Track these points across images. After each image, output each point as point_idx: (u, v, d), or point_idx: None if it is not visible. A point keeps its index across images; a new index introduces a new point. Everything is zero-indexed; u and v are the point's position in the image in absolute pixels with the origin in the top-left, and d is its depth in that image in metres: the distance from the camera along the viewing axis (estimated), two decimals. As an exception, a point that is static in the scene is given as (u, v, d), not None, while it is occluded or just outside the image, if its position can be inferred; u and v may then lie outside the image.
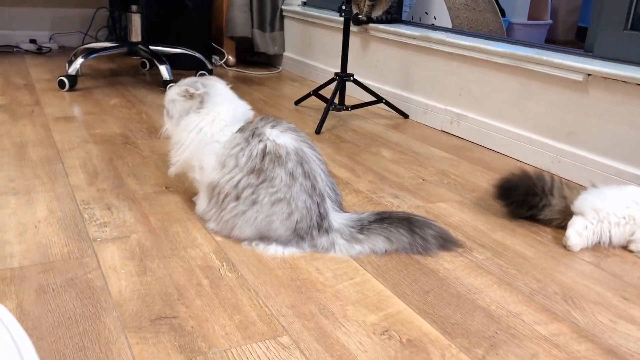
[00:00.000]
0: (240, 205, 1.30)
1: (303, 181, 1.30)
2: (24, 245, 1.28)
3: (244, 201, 1.30)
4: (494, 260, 1.35)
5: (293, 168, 1.29)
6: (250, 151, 1.32)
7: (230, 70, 3.47)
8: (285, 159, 1.30)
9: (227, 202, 1.32)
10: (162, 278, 1.18)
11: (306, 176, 1.30)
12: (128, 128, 2.20)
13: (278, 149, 1.30)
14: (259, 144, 1.32)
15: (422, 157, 2.08)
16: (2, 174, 1.67)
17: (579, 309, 1.16)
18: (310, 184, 1.31)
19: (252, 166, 1.30)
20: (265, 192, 1.29)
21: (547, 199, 1.53)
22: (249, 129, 1.37)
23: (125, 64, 3.47)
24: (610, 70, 1.76)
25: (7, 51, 3.59)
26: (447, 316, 1.11)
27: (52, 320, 1.02)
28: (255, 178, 1.29)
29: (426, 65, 2.52)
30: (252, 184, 1.29)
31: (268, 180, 1.29)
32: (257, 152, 1.31)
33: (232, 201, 1.31)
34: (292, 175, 1.29)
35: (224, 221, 1.34)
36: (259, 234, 1.31)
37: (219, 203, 1.34)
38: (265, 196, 1.29)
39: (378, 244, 1.33)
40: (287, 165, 1.29)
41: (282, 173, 1.29)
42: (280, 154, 1.30)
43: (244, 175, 1.30)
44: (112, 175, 1.72)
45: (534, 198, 1.53)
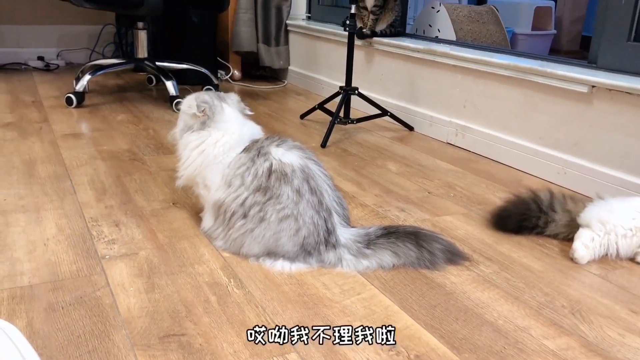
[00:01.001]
0: (248, 223, 1.31)
1: (310, 197, 1.30)
2: (34, 263, 1.29)
3: (252, 219, 1.31)
4: (501, 273, 1.35)
5: (299, 185, 1.30)
6: (256, 170, 1.33)
7: (236, 85, 3.49)
8: (291, 176, 1.31)
9: (235, 221, 1.33)
10: (170, 295, 1.19)
11: (313, 192, 1.31)
12: (135, 144, 2.21)
13: (284, 167, 1.32)
14: (265, 163, 1.33)
15: (428, 169, 2.09)
16: (12, 192, 1.69)
17: (587, 322, 1.16)
18: (317, 200, 1.31)
19: (258, 184, 1.31)
20: (272, 209, 1.29)
21: (548, 216, 1.53)
22: (255, 148, 1.38)
23: (132, 80, 3.50)
24: (614, 82, 1.77)
25: (15, 68, 3.63)
26: (454, 331, 1.11)
27: (61, 339, 1.03)
28: (262, 196, 1.30)
29: (430, 78, 2.53)
30: (258, 202, 1.30)
31: (275, 197, 1.29)
32: (263, 171, 1.32)
33: (240, 219, 1.32)
34: (299, 192, 1.30)
35: (232, 239, 1.35)
36: (267, 250, 1.32)
37: (225, 221, 1.35)
38: (272, 213, 1.29)
39: (385, 259, 1.33)
40: (293, 183, 1.30)
41: (289, 190, 1.30)
42: (286, 172, 1.31)
43: (250, 194, 1.31)
44: (119, 192, 1.73)
45: (530, 220, 1.55)
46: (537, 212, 1.54)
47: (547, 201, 1.56)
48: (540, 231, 1.55)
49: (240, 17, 3.40)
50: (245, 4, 3.40)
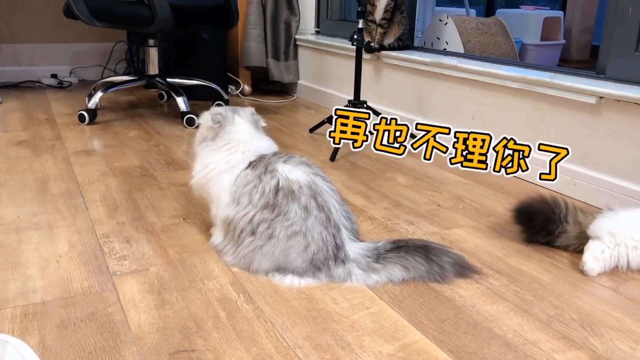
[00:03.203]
0: (257, 240, 1.32)
1: (317, 214, 1.31)
2: (46, 280, 1.31)
3: (260, 236, 1.32)
4: (510, 286, 1.34)
5: (307, 202, 1.32)
6: (263, 188, 1.34)
7: (246, 99, 3.52)
8: (298, 193, 1.32)
9: (243, 238, 1.34)
10: (180, 311, 1.20)
11: (320, 208, 1.32)
12: (147, 160, 2.24)
13: (291, 184, 1.33)
14: (272, 181, 1.34)
15: (437, 182, 2.09)
16: (25, 209, 1.71)
17: (598, 335, 1.15)
18: (325, 216, 1.32)
19: (266, 202, 1.32)
20: (280, 225, 1.30)
21: (563, 226, 1.52)
22: (261, 164, 1.39)
23: (144, 96, 3.55)
24: (622, 93, 1.77)
25: (29, 86, 3.69)
26: (463, 345, 1.11)
27: (73, 356, 1.04)
28: (270, 213, 1.31)
29: (439, 91, 2.54)
30: (266, 219, 1.32)
31: (282, 214, 1.30)
32: (270, 189, 1.33)
33: (248, 236, 1.34)
34: (306, 208, 1.31)
35: (241, 256, 1.36)
36: (276, 266, 1.33)
37: (235, 238, 1.37)
38: (281, 230, 1.30)
39: (395, 273, 1.33)
40: (300, 200, 1.31)
41: (296, 207, 1.31)
42: (293, 189, 1.32)
43: (257, 211, 1.33)
44: (131, 208, 1.75)
45: (552, 225, 1.53)
46: (558, 218, 1.53)
47: (564, 210, 1.54)
48: (552, 240, 1.54)
49: (250, 32, 3.44)
50: (254, 19, 3.43)
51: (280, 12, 3.50)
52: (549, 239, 1.54)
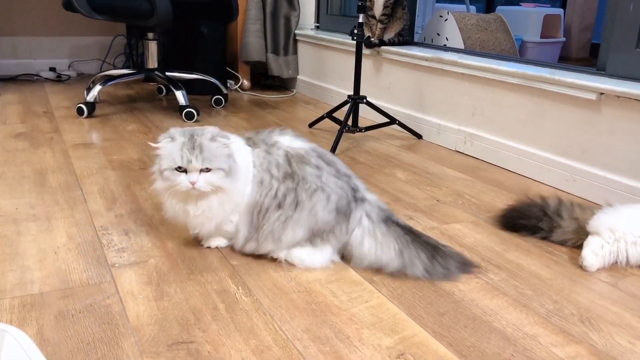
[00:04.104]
0: (287, 211, 1.33)
1: (328, 168, 1.37)
2: (44, 272, 1.30)
3: (288, 207, 1.33)
4: (510, 281, 1.34)
5: (317, 162, 1.37)
6: (276, 160, 1.36)
7: (245, 94, 3.51)
8: (307, 156, 1.37)
9: (269, 215, 1.34)
10: (179, 303, 1.19)
11: (329, 164, 1.39)
12: (145, 153, 2.23)
13: (297, 151, 1.37)
14: (279, 151, 1.37)
15: (436, 177, 2.09)
16: (23, 201, 1.71)
17: (597, 330, 1.15)
18: (334, 169, 1.39)
19: (285, 172, 1.35)
20: (302, 190, 1.34)
21: (554, 221, 1.53)
22: (260, 142, 1.39)
23: (142, 90, 3.54)
24: (622, 89, 1.76)
25: (27, 79, 3.68)
26: (462, 339, 1.11)
27: (71, 346, 1.04)
28: (291, 182, 1.34)
29: (439, 86, 2.54)
30: (290, 188, 1.34)
31: (302, 179, 1.34)
32: (283, 159, 1.36)
33: (275, 211, 1.34)
34: (318, 167, 1.36)
35: (268, 233, 1.34)
36: (310, 229, 1.34)
37: (258, 220, 1.35)
38: (303, 194, 1.34)
39: (387, 254, 1.34)
40: (311, 161, 1.36)
41: (309, 169, 1.35)
42: (302, 154, 1.37)
43: (280, 183, 1.34)
44: (129, 201, 1.75)
45: (529, 220, 1.57)
46: (539, 214, 1.56)
47: (553, 207, 1.56)
48: (545, 236, 1.55)
49: (249, 27, 3.43)
50: (254, 14, 3.42)
51: (280, 6, 3.49)
52: (541, 235, 1.56)
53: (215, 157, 1.28)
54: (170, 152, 1.28)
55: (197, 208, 1.31)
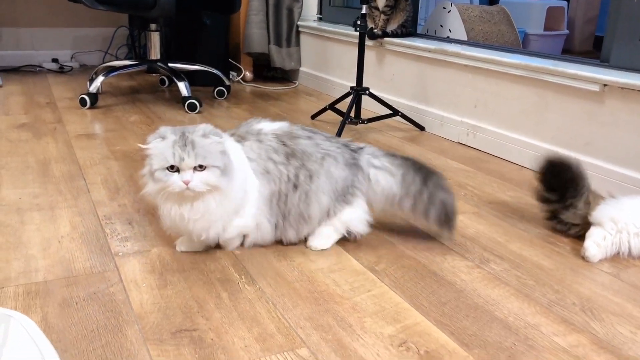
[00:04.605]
0: (304, 187, 1.34)
1: (316, 136, 1.41)
2: (48, 260, 1.31)
3: (304, 182, 1.34)
4: (512, 271, 1.35)
5: (304, 133, 1.40)
6: (271, 146, 1.36)
7: (248, 86, 3.51)
8: (295, 132, 1.39)
9: (290, 199, 1.35)
10: (182, 291, 1.20)
11: (314, 132, 1.43)
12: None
13: (284, 130, 1.39)
14: (269, 136, 1.37)
15: (439, 169, 2.07)
16: (27, 191, 1.71)
17: (598, 320, 1.16)
18: (322, 135, 1.43)
19: (285, 153, 1.35)
20: (310, 162, 1.36)
21: (575, 202, 1.50)
22: (246, 134, 1.38)
23: (145, 82, 3.54)
24: (626, 80, 1.76)
25: (30, 70, 3.68)
26: (464, 328, 1.11)
27: (75, 333, 1.05)
28: (295, 160, 1.35)
29: (442, 78, 2.53)
30: (299, 166, 1.35)
31: (304, 154, 1.36)
32: (275, 143, 1.36)
33: (294, 193, 1.34)
34: (309, 137, 1.39)
35: (297, 217, 1.36)
36: (333, 192, 1.38)
37: (281, 208, 1.35)
38: (313, 165, 1.36)
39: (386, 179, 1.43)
40: (300, 134, 1.39)
41: (303, 141, 1.38)
42: (289, 131, 1.39)
43: (287, 165, 1.35)
44: (132, 191, 1.75)
45: (569, 192, 1.50)
46: (579, 189, 1.50)
47: (584, 187, 1.51)
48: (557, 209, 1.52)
49: (252, 18, 3.42)
50: (256, 5, 3.42)
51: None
52: (557, 207, 1.52)
53: (209, 154, 1.22)
54: (162, 150, 1.21)
55: (194, 211, 1.24)
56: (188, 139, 1.21)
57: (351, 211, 1.40)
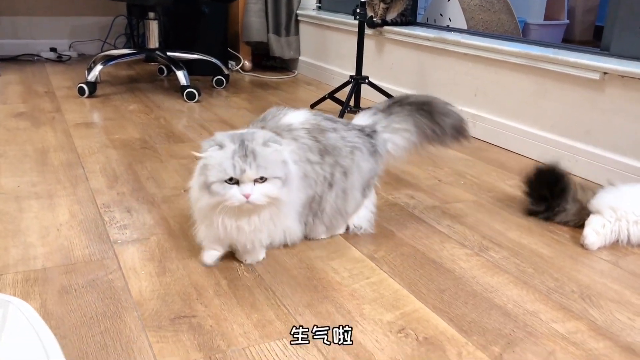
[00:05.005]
0: (339, 184, 1.32)
1: (339, 126, 1.36)
2: (47, 248, 1.31)
3: (340, 180, 1.32)
4: (511, 259, 1.35)
5: (329, 125, 1.34)
6: (306, 145, 1.28)
7: (247, 75, 3.50)
8: (322, 124, 1.34)
9: (326, 198, 1.31)
10: (181, 278, 1.20)
11: (335, 122, 1.38)
12: (147, 133, 2.23)
13: (312, 123, 1.33)
14: (301, 132, 1.30)
15: (438, 158, 2.08)
16: (25, 179, 1.71)
17: (597, 307, 1.16)
18: (341, 123, 1.38)
19: (319, 150, 1.29)
20: (342, 158, 1.32)
21: (562, 205, 1.52)
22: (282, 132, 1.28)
23: (144, 71, 3.52)
24: (626, 68, 1.75)
25: (28, 59, 3.66)
26: (463, 314, 1.11)
27: (74, 320, 1.05)
28: (330, 156, 1.30)
29: (441, 67, 2.52)
30: (333, 164, 1.30)
31: (335, 149, 1.31)
32: (309, 139, 1.29)
33: (329, 192, 1.31)
34: (335, 129, 1.34)
35: (333, 214, 1.34)
36: (362, 186, 1.38)
37: (314, 209, 1.31)
38: (345, 160, 1.32)
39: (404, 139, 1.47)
40: (327, 127, 1.33)
41: (331, 134, 1.33)
42: (316, 124, 1.33)
43: (322, 164, 1.29)
44: (131, 179, 1.75)
45: (557, 201, 1.53)
46: (564, 198, 1.53)
47: (570, 191, 1.53)
48: (549, 217, 1.54)
49: (251, 7, 3.40)
50: (255, -6, 3.40)
51: (282, -14, 3.46)
52: (547, 215, 1.54)
53: (270, 165, 1.12)
54: (220, 161, 1.11)
55: (250, 224, 1.17)
56: (249, 149, 1.11)
57: (364, 207, 1.43)
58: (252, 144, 1.12)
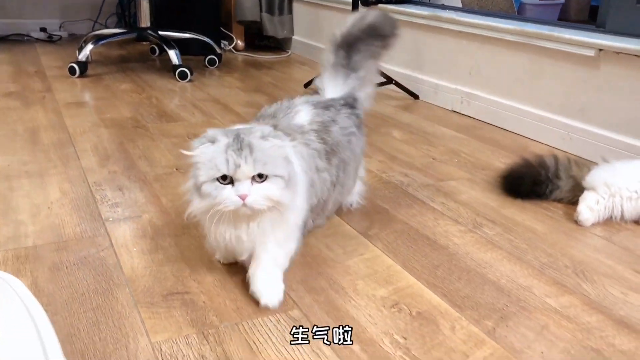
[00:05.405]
0: (342, 180, 1.24)
1: (332, 113, 1.27)
2: (38, 226, 1.29)
3: (343, 175, 1.24)
4: (504, 235, 1.34)
5: (330, 116, 1.25)
6: (316, 149, 1.16)
7: (240, 55, 3.47)
8: (325, 121, 1.22)
9: (329, 197, 1.21)
10: (174, 256, 1.19)
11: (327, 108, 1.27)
12: (138, 112, 2.21)
13: (318, 123, 1.21)
14: (311, 135, 1.18)
15: (433, 137, 2.08)
16: (16, 158, 1.69)
17: (590, 281, 1.16)
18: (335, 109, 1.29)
19: (326, 152, 1.18)
20: (343, 151, 1.23)
21: (554, 184, 1.52)
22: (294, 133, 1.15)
23: (135, 50, 3.48)
24: (622, 45, 1.74)
25: (18, 40, 3.61)
26: (456, 290, 1.11)
27: (66, 296, 1.04)
28: (334, 155, 1.20)
29: (436, 45, 2.50)
30: (337, 163, 1.21)
31: (338, 145, 1.22)
32: (318, 144, 1.17)
33: (333, 190, 1.22)
34: (334, 120, 1.25)
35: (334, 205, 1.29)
36: (358, 166, 1.36)
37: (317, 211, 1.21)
38: (345, 153, 1.24)
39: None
40: (326, 120, 1.23)
41: (333, 129, 1.23)
42: (322, 122, 1.22)
43: (329, 168, 1.18)
44: (123, 158, 1.73)
45: (541, 187, 1.53)
46: (545, 179, 1.53)
47: (552, 168, 1.54)
48: (545, 198, 1.54)
49: (244, -14, 3.36)
50: (248, -28, 3.35)
51: (275, -35, 3.42)
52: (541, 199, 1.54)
53: (270, 160, 0.95)
54: (211, 157, 0.95)
55: (249, 232, 1.00)
56: (244, 142, 0.95)
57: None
58: (248, 137, 0.96)
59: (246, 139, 0.96)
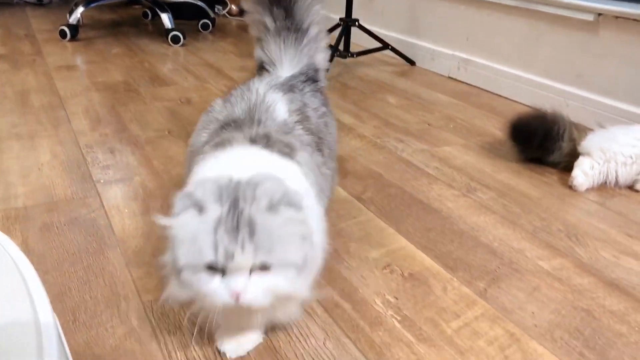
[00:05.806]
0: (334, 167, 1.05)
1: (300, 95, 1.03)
2: (28, 187, 1.28)
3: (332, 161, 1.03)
4: (498, 200, 1.34)
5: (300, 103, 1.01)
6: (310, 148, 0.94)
7: (234, 20, 3.41)
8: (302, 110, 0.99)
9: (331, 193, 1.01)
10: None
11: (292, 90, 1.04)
12: (130, 76, 2.17)
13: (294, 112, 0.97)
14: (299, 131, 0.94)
15: (428, 103, 2.06)
16: (5, 120, 1.66)
17: (583, 245, 1.16)
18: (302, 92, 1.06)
19: (317, 144, 0.96)
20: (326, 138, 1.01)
21: (559, 143, 1.50)
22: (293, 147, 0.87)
23: (127, 14, 3.42)
24: (621, 9, 1.71)
25: (7, 2, 3.54)
26: (449, 252, 1.11)
27: (56, 256, 1.03)
28: (325, 147, 0.99)
29: (433, 10, 2.46)
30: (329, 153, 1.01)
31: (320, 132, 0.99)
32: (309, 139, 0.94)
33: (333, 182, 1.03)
34: (305, 104, 1.02)
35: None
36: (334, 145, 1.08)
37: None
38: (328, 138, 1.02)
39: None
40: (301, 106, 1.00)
41: (310, 114, 1.00)
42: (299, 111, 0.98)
43: (326, 162, 0.97)
44: (114, 121, 1.71)
45: (550, 142, 1.49)
46: (556, 135, 1.49)
47: (562, 126, 1.50)
48: (546, 156, 1.52)
49: (238, -52, 3.28)
50: None
51: None
52: (542, 155, 1.52)
53: (279, 243, 0.68)
54: (194, 235, 0.68)
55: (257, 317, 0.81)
56: (243, 216, 0.67)
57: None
58: (250, 207, 0.68)
59: (246, 210, 0.67)
